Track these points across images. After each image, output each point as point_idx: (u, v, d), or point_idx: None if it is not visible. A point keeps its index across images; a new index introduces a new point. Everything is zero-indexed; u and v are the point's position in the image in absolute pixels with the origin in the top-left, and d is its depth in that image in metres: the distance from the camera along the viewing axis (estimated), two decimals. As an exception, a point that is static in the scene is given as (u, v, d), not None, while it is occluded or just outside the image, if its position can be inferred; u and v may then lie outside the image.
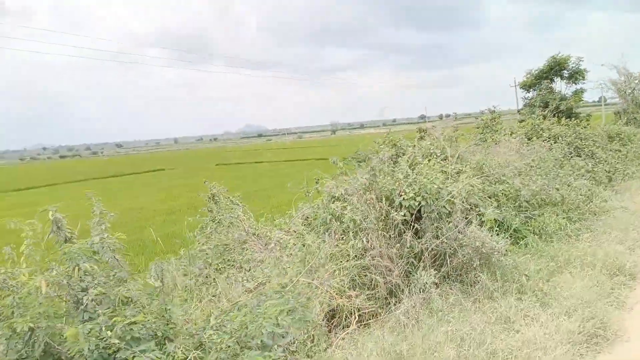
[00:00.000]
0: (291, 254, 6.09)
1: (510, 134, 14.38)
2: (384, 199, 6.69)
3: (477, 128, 15.88)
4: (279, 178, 27.91)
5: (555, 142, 13.71)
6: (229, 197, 7.64)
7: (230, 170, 45.19)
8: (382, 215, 6.45)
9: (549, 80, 26.77)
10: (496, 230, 7.17)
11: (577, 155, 13.38)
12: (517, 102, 31.34)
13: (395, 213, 6.24)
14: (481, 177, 7.82)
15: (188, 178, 39.07)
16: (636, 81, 32.62)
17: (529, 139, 14.28)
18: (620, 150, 15.35)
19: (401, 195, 6.52)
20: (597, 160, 13.31)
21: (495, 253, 5.93)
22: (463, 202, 7.01)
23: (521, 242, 7.24)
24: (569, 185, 9.45)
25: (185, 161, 74.72)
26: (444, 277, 6.20)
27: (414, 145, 8.65)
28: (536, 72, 27.01)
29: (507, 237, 7.23)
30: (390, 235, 6.30)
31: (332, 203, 6.86)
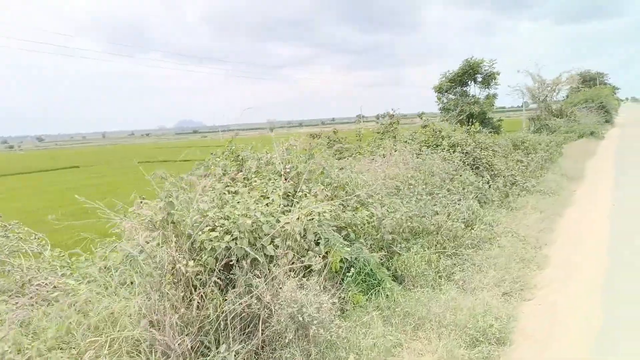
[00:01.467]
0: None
1: (406, 142, 13.14)
2: (185, 238, 4.93)
3: (378, 133, 14.56)
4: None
5: (454, 152, 12.60)
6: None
7: (151, 168, 42.43)
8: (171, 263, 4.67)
9: (460, 85, 26.28)
10: (346, 275, 5.62)
11: (474, 167, 12.33)
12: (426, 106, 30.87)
13: (184, 263, 4.46)
14: (334, 202, 6.25)
15: (100, 177, 36.14)
16: (548, 88, 33.17)
17: (427, 147, 13.13)
18: (522, 161, 14.56)
19: (203, 232, 4.79)
20: (494, 173, 12.33)
21: (315, 323, 4.31)
22: (300, 238, 5.39)
23: (374, 290, 5.71)
24: (452, 207, 8.14)
25: (109, 158, 70.22)
26: (256, 353, 4.53)
27: (259, 159, 6.94)
28: (451, 75, 26.43)
29: (358, 284, 5.70)
30: (179, 294, 4.54)
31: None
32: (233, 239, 4.83)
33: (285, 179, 6.53)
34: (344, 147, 13.93)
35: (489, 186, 11.82)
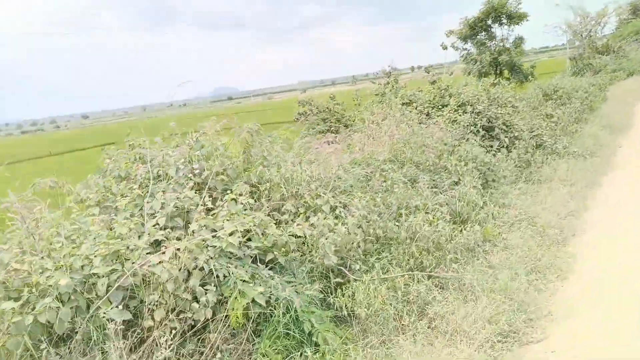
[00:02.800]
0: None
1: (406, 105, 10.98)
2: None
3: (376, 95, 12.41)
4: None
5: (464, 112, 10.38)
6: None
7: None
8: None
9: (483, 31, 23.15)
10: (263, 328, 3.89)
11: (489, 130, 10.10)
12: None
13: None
14: (256, 215, 4.43)
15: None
16: (592, 22, 29.29)
17: (432, 108, 10.95)
18: (551, 115, 12.09)
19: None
20: (514, 135, 10.05)
21: None
22: (176, 286, 3.68)
23: (301, 350, 3.92)
24: (441, 196, 6.13)
25: (146, 131, 71.27)
26: None
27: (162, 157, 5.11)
28: (472, 20, 23.22)
29: (277, 340, 3.96)
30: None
31: None
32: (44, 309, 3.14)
33: (197, 186, 4.74)
34: (333, 118, 11.95)
35: (507, 153, 9.63)
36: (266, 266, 4.47)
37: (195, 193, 4.79)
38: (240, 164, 5.29)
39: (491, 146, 9.68)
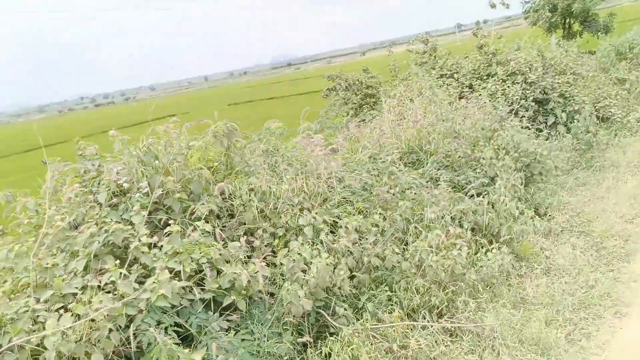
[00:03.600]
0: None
1: (445, 77, 9.56)
2: None
3: (416, 64, 10.96)
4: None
5: (513, 84, 8.84)
6: None
7: (234, 111, 44.48)
8: None
9: None
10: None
11: (543, 103, 8.53)
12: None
13: None
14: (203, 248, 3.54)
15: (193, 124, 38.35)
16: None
17: (477, 79, 9.47)
18: (623, 81, 10.13)
19: None
20: (573, 109, 8.40)
21: None
22: None
23: None
24: (465, 205, 4.91)
25: (204, 103, 73.09)
26: None
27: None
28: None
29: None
30: None
31: None
32: None
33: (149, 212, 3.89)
34: (364, 94, 10.68)
35: (565, 132, 8.08)
36: (225, 312, 3.60)
37: (147, 217, 3.97)
38: (209, 176, 4.37)
39: (545, 123, 8.14)
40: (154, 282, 3.23)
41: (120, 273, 3.26)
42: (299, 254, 3.77)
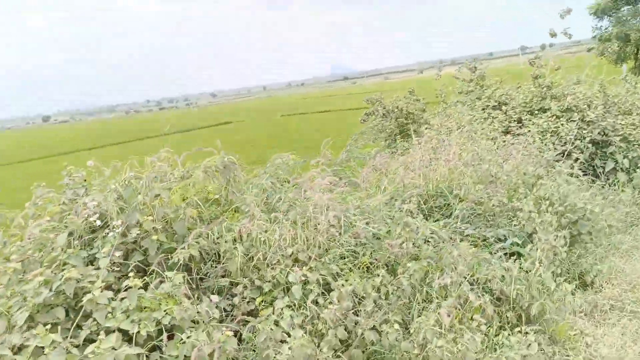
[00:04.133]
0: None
1: (492, 108, 8.79)
2: None
3: (460, 93, 10.21)
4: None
5: (568, 122, 7.95)
6: None
7: (286, 123, 46.09)
8: None
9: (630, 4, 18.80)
10: None
11: (601, 146, 7.58)
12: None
13: None
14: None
15: (245, 133, 38.09)
16: None
17: (528, 113, 8.64)
18: None
19: None
20: (635, 156, 7.39)
21: None
22: None
23: None
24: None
25: (259, 112, 74.74)
26: None
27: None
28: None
29: None
30: None
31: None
32: None
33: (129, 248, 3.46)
34: (398, 123, 10.02)
35: (626, 181, 7.12)
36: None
37: (121, 260, 3.54)
38: (195, 215, 3.90)
39: (602, 168, 7.21)
40: (95, 348, 2.76)
41: (71, 327, 2.83)
42: (276, 322, 3.21)
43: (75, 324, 3.08)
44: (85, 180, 4.29)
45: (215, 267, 3.92)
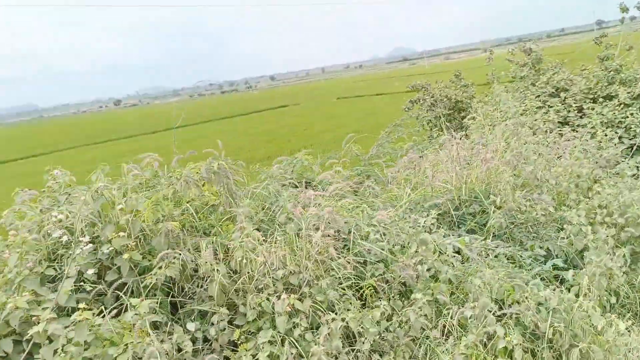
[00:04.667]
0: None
1: (549, 94, 7.84)
2: None
3: (513, 78, 9.19)
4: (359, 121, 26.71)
5: (638, 110, 6.88)
6: None
7: (339, 106, 45.25)
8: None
9: None
10: None
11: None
12: None
13: None
14: None
15: (299, 116, 38.62)
16: None
17: (591, 100, 7.63)
18: None
19: None
20: None
21: None
22: None
23: None
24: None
25: (315, 95, 74.49)
26: None
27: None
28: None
29: None
30: None
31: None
32: None
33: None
34: (452, 108, 9.14)
35: None
36: None
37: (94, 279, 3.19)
38: (175, 227, 3.46)
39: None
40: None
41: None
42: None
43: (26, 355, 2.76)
44: (69, 185, 3.98)
45: (200, 287, 3.50)
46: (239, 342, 3.09)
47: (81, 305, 2.79)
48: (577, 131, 6.81)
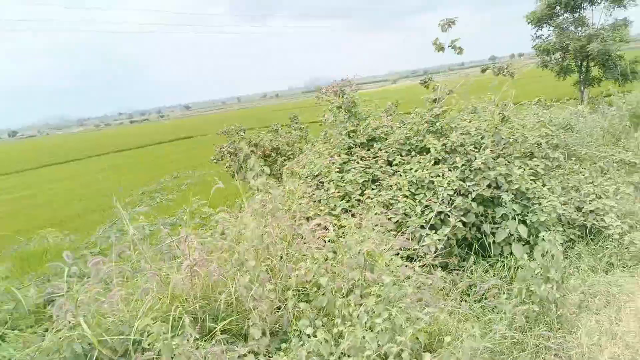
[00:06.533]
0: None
1: (360, 145, 6.59)
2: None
3: (332, 123, 7.83)
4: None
5: (453, 168, 5.76)
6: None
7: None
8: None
9: (569, 11, 16.90)
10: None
11: (486, 206, 5.34)
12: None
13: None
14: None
15: (189, 151, 34.96)
16: None
17: (390, 164, 6.46)
18: (633, 166, 6.74)
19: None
20: (535, 222, 5.16)
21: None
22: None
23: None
24: None
25: (228, 124, 71.35)
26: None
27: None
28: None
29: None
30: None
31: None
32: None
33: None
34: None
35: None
36: None
37: None
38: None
39: (486, 244, 4.94)
40: None
41: None
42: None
43: None
44: None
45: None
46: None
47: None
48: (380, 194, 5.54)
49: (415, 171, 5.80)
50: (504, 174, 5.50)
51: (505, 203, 5.22)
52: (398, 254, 4.59)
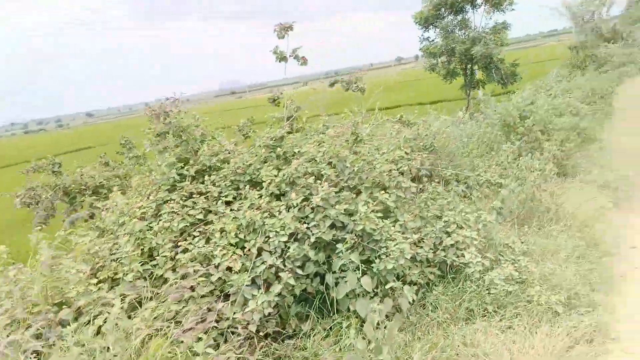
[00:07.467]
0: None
1: (191, 176, 5.33)
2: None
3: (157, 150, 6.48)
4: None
5: (287, 208, 4.65)
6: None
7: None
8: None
9: (452, 13, 16.92)
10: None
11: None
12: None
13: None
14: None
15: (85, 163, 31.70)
16: (596, 2, 22.98)
17: (226, 203, 5.30)
18: (499, 186, 6.15)
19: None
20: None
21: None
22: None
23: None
24: None
25: (132, 133, 66.84)
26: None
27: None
28: (437, -1, 16.68)
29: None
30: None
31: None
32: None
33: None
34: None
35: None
36: None
37: None
38: None
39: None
40: None
41: None
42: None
43: None
44: None
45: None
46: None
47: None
48: (197, 245, 4.39)
49: (245, 211, 4.69)
50: (347, 212, 4.56)
51: (342, 252, 4.27)
52: (200, 339, 3.48)
